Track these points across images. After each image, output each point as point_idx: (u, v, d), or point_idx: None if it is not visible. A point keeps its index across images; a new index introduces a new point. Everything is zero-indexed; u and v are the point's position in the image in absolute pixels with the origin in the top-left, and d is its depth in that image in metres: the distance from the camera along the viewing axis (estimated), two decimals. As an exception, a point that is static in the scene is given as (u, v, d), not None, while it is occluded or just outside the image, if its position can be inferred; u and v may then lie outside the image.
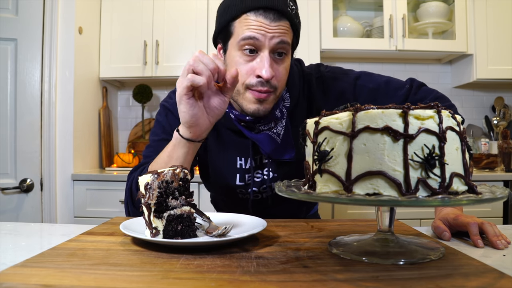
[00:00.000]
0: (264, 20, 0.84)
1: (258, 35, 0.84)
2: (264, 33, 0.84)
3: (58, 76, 2.14)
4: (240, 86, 0.90)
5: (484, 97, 2.81)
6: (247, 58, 0.87)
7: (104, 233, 0.72)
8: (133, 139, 2.72)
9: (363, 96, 0.99)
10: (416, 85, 1.02)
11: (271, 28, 0.85)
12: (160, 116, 1.04)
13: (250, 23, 0.85)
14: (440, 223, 0.74)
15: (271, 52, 0.87)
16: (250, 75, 0.87)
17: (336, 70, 1.05)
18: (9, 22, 2.03)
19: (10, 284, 0.45)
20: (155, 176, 0.64)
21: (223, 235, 0.64)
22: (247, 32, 0.85)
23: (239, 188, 1.04)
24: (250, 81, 0.88)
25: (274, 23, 0.85)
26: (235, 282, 0.46)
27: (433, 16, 2.49)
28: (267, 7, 0.84)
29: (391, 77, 1.05)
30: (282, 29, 0.86)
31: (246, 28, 0.85)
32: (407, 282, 0.46)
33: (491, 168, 2.35)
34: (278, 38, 0.86)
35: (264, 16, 0.84)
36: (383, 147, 0.50)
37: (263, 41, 0.85)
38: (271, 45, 0.86)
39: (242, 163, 1.01)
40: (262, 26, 0.84)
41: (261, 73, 0.85)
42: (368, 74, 1.04)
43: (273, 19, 0.85)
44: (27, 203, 2.06)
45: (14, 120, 2.05)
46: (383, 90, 1.00)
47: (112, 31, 2.46)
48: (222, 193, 1.12)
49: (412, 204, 0.47)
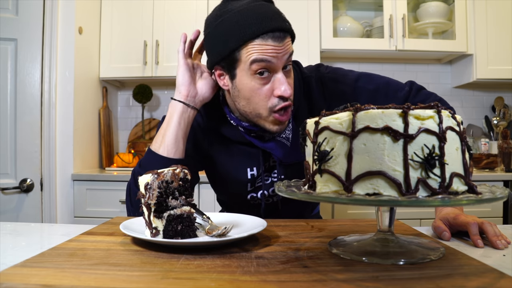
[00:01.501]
0: (274, 42, 0.84)
1: (272, 59, 0.85)
2: (276, 55, 0.85)
3: (58, 76, 2.14)
4: (263, 111, 0.89)
5: (484, 97, 2.81)
6: (262, 82, 0.87)
7: (104, 233, 0.72)
8: (133, 139, 2.72)
9: (363, 98, 0.99)
10: (416, 88, 1.02)
11: (281, 49, 0.85)
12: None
13: (261, 48, 0.84)
14: (440, 223, 0.74)
15: (282, 69, 0.88)
16: (270, 97, 0.88)
17: (336, 71, 1.05)
18: (9, 22, 2.03)
19: (10, 284, 0.45)
20: (155, 176, 0.64)
21: (223, 235, 0.64)
22: (259, 56, 0.84)
23: (250, 193, 1.05)
24: (272, 103, 0.88)
25: (282, 43, 0.85)
26: (235, 282, 0.46)
27: (433, 16, 2.49)
28: (274, 30, 0.84)
29: (391, 79, 1.05)
30: (288, 47, 0.87)
31: (256, 53, 0.84)
32: (407, 282, 0.46)
33: (491, 168, 2.35)
34: (288, 58, 0.87)
35: (273, 39, 0.84)
36: (383, 147, 0.50)
37: (276, 63, 0.85)
38: (283, 63, 0.87)
39: (254, 173, 1.02)
40: (273, 49, 0.84)
41: (284, 92, 0.86)
42: (368, 76, 1.04)
43: (280, 40, 0.85)
44: (27, 203, 2.06)
45: (14, 120, 2.05)
46: (383, 91, 1.00)
47: (112, 31, 2.46)
48: (234, 201, 1.13)
49: (412, 204, 0.47)
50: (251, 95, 0.89)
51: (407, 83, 1.03)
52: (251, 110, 0.91)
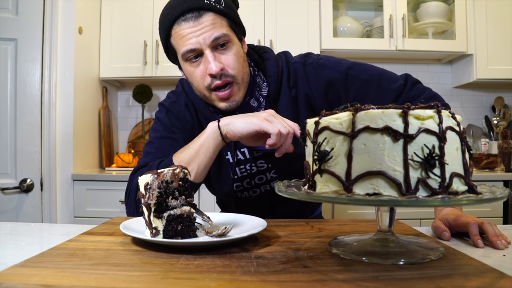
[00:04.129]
0: (187, 24, 0.88)
1: (193, 46, 0.88)
2: (195, 38, 0.88)
3: (58, 76, 2.14)
4: (204, 91, 0.93)
5: (484, 97, 2.81)
6: (195, 64, 0.92)
7: (104, 233, 0.72)
8: (133, 139, 2.72)
9: (355, 87, 0.97)
10: (411, 81, 0.99)
11: (197, 29, 0.88)
12: (161, 113, 1.05)
13: (180, 35, 0.89)
14: (440, 223, 0.74)
15: (212, 48, 0.90)
16: (205, 77, 0.91)
17: (329, 58, 1.03)
18: (9, 22, 2.03)
19: (10, 284, 0.45)
20: (155, 176, 0.64)
21: (223, 235, 0.64)
22: (183, 48, 0.89)
23: (236, 182, 1.04)
24: (207, 82, 0.91)
25: (197, 23, 0.87)
26: (235, 282, 0.46)
27: (433, 16, 2.49)
28: (184, 12, 0.87)
29: (385, 70, 1.02)
30: (208, 24, 0.88)
31: (180, 40, 0.90)
32: (407, 282, 0.46)
33: (491, 168, 2.35)
34: (211, 36, 0.88)
35: (186, 21, 0.88)
36: (383, 147, 0.50)
37: (199, 47, 0.88)
38: (208, 44, 0.88)
39: (229, 158, 1.01)
40: (190, 32, 0.88)
41: (210, 70, 0.89)
42: (362, 65, 1.01)
43: (194, 19, 0.88)
44: (27, 203, 2.06)
45: (14, 120, 2.05)
46: (376, 82, 0.97)
47: (112, 31, 2.46)
48: (223, 194, 1.12)
49: (412, 204, 0.47)
50: (191, 79, 0.95)
51: (402, 76, 1.00)
52: (198, 93, 0.96)
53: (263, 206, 1.09)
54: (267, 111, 0.85)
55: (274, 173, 1.04)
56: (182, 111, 1.03)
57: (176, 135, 1.01)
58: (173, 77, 2.44)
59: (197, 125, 1.04)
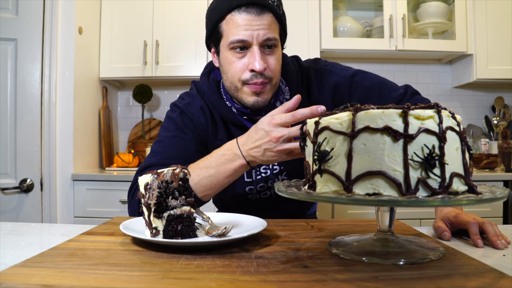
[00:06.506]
0: (248, 16, 0.89)
1: (245, 37, 0.89)
2: (251, 31, 0.89)
3: (58, 76, 2.14)
4: (237, 82, 0.94)
5: (484, 97, 2.81)
6: (239, 55, 0.92)
7: (104, 233, 0.72)
8: (133, 139, 2.72)
9: (358, 93, 1.02)
10: (411, 91, 1.04)
11: (255, 24, 0.89)
12: (174, 113, 1.05)
13: (236, 23, 0.89)
14: (441, 223, 0.74)
15: (260, 46, 0.91)
16: (244, 71, 0.93)
17: (335, 65, 1.09)
18: (9, 22, 2.03)
19: (10, 284, 0.45)
20: (154, 176, 0.64)
21: (223, 235, 0.64)
22: (234, 36, 0.90)
23: (248, 185, 1.04)
24: (245, 76, 0.93)
25: (257, 18, 0.89)
26: (235, 282, 0.46)
27: (433, 16, 2.49)
28: (249, 3, 0.89)
29: (387, 79, 1.08)
30: (267, 23, 0.90)
31: (234, 28, 0.90)
32: (407, 282, 0.46)
33: (491, 168, 2.35)
34: (265, 36, 0.90)
35: (247, 12, 0.89)
36: (383, 147, 0.50)
37: (251, 40, 0.90)
38: (259, 41, 0.90)
39: None
40: (247, 24, 0.89)
41: (254, 66, 0.90)
42: (365, 73, 1.07)
43: (256, 14, 0.89)
44: (27, 203, 2.06)
45: (14, 120, 2.05)
46: (378, 89, 1.02)
47: (112, 31, 2.46)
48: (231, 196, 1.11)
49: (412, 204, 0.47)
50: (228, 68, 0.94)
51: (402, 86, 1.05)
52: (230, 83, 0.96)
53: (268, 206, 1.09)
54: (267, 123, 0.82)
55: (285, 175, 1.05)
56: (196, 114, 1.03)
57: (187, 136, 1.01)
58: (173, 77, 2.44)
59: (211, 128, 1.04)
